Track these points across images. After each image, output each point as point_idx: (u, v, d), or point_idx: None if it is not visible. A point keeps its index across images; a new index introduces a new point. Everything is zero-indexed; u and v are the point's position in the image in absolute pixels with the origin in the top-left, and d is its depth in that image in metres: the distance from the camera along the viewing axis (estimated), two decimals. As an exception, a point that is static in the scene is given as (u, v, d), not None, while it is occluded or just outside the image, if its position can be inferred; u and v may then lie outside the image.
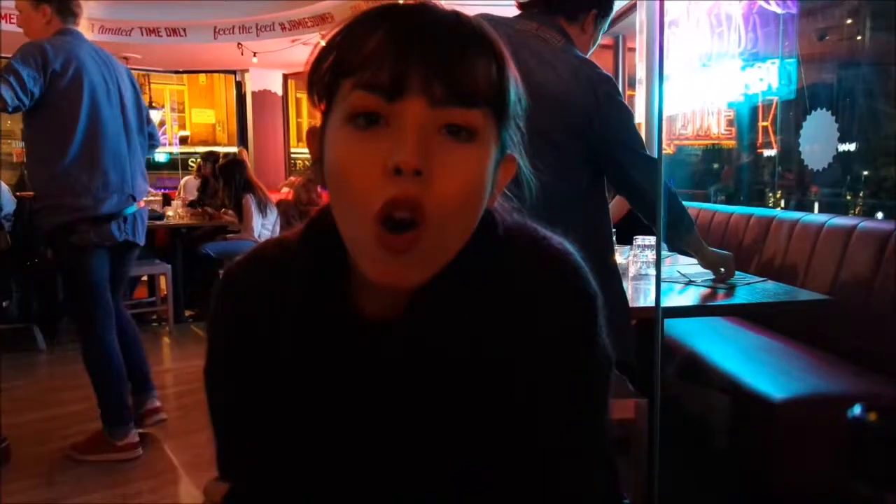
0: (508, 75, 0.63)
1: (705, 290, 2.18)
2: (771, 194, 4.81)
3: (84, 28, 2.79)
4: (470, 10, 0.71)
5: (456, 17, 0.62)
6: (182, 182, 7.54)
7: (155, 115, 10.82)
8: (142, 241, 2.95)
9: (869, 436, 1.73)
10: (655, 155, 1.84)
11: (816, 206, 4.13)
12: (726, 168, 5.79)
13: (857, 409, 1.69)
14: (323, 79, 0.63)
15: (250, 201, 5.18)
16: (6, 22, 6.72)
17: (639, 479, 1.92)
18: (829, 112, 3.19)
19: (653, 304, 1.83)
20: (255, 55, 8.27)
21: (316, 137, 0.66)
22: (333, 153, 0.61)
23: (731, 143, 5.00)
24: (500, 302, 0.67)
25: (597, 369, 0.70)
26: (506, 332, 0.67)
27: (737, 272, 2.49)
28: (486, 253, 0.67)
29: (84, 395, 3.34)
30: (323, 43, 0.65)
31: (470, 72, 0.60)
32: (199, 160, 7.39)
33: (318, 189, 6.24)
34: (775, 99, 3.97)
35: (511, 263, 0.68)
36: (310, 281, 0.68)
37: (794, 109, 3.85)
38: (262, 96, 10.36)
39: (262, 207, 5.28)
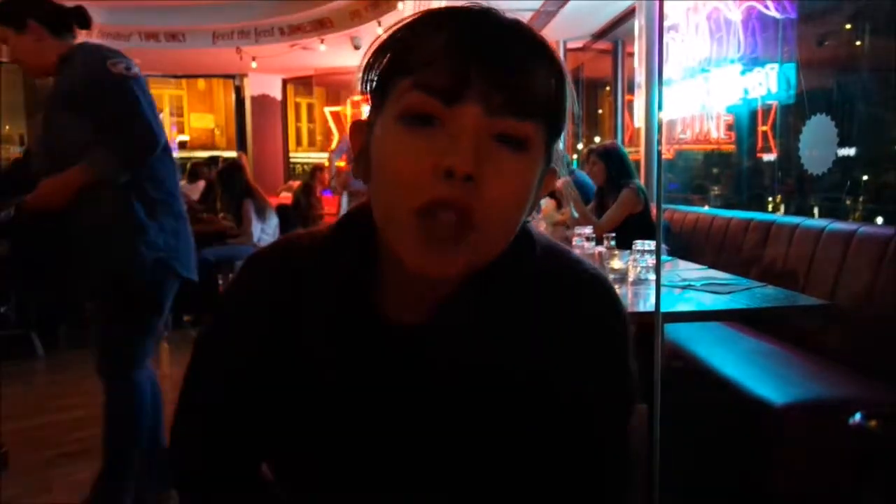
0: (566, 91, 0.63)
1: (705, 296, 2.18)
2: (770, 199, 4.82)
3: None
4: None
5: (520, 27, 0.62)
6: None
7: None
8: None
9: (870, 442, 1.72)
10: (655, 158, 1.84)
11: (816, 210, 4.13)
12: (726, 173, 5.80)
13: (858, 416, 1.69)
14: (379, 74, 0.63)
15: (249, 206, 5.17)
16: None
17: (639, 483, 1.92)
18: (829, 117, 3.19)
19: (652, 309, 1.82)
20: (254, 60, 8.28)
21: (362, 131, 0.66)
22: (383, 148, 0.61)
23: (731, 148, 5.01)
24: (532, 319, 0.67)
25: (624, 394, 0.71)
26: (536, 350, 0.66)
27: (734, 276, 2.49)
28: (523, 269, 0.67)
29: (82, 402, 3.33)
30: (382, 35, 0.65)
31: (530, 83, 0.59)
32: (190, 165, 7.36)
33: (318, 194, 6.25)
34: (775, 103, 3.97)
35: (547, 283, 0.68)
36: (337, 280, 0.68)
37: (794, 114, 3.85)
38: (261, 101, 10.38)
39: (261, 212, 5.27)
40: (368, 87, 0.64)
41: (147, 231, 2.11)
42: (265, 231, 5.26)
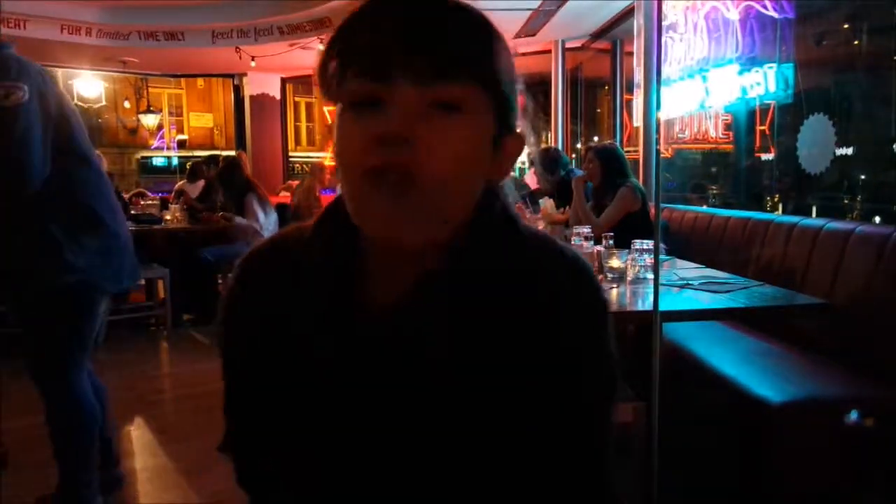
0: (496, 48, 0.66)
1: (703, 295, 2.19)
2: (768, 198, 4.83)
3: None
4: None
5: None
6: (176, 187, 7.49)
7: (153, 119, 10.87)
8: None
9: (867, 440, 1.73)
10: (653, 157, 1.85)
11: (814, 209, 4.14)
12: (724, 172, 5.81)
13: (854, 414, 1.70)
14: (329, 76, 0.66)
15: (252, 199, 5.19)
16: (5, 27, 6.73)
17: (638, 481, 1.93)
18: (827, 116, 3.20)
19: (651, 308, 1.83)
20: (253, 59, 8.28)
21: (331, 129, 0.70)
22: (337, 134, 0.65)
23: (729, 148, 5.02)
24: (515, 299, 0.69)
25: (604, 376, 0.74)
26: (517, 328, 0.69)
27: (732, 275, 2.50)
28: (506, 250, 0.70)
29: (82, 400, 3.33)
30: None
31: (451, 47, 0.62)
32: (190, 164, 7.36)
33: (318, 193, 6.25)
34: (773, 103, 3.99)
35: (530, 265, 0.71)
36: (323, 269, 0.71)
37: (792, 114, 3.86)
38: (260, 100, 10.38)
39: (262, 207, 5.31)
40: (326, 91, 0.67)
41: (64, 255, 2.03)
42: (266, 227, 5.29)
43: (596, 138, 8.32)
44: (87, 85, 10.06)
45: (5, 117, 1.87)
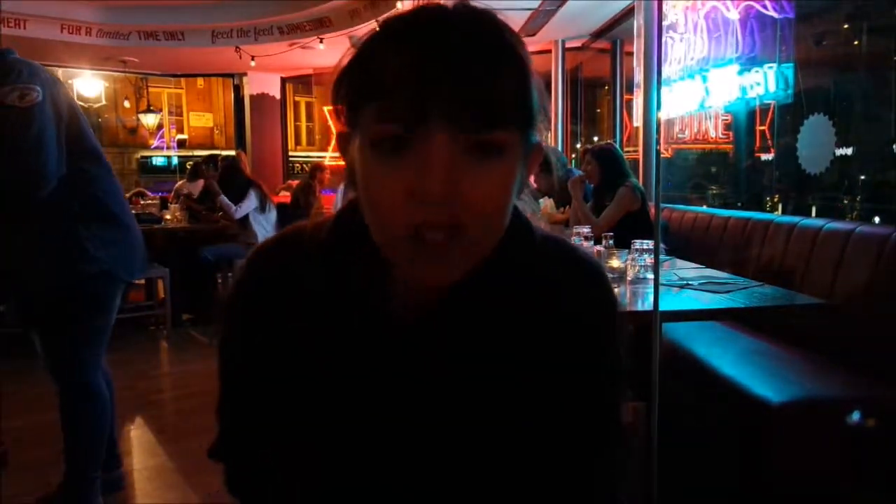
0: (532, 84, 0.61)
1: (703, 295, 2.19)
2: (768, 198, 4.83)
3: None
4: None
5: (482, 26, 0.60)
6: (176, 186, 7.47)
7: (153, 119, 10.87)
8: None
9: (867, 440, 1.73)
10: (653, 157, 1.85)
11: (814, 210, 4.14)
12: (724, 172, 5.81)
13: (855, 415, 1.70)
14: (344, 105, 0.63)
15: (251, 193, 5.23)
16: (5, 26, 6.73)
17: (638, 481, 1.93)
18: (826, 116, 3.20)
19: (651, 308, 1.83)
20: (253, 59, 8.28)
21: (345, 144, 0.66)
22: (361, 172, 0.62)
23: (729, 147, 5.02)
24: (536, 305, 0.70)
25: (617, 374, 0.75)
26: (538, 333, 0.70)
27: (731, 275, 2.50)
28: (524, 258, 0.70)
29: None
30: (354, 46, 0.64)
31: (496, 92, 0.58)
32: (191, 165, 7.36)
33: (318, 193, 6.25)
34: (773, 103, 3.99)
35: (548, 270, 0.72)
36: (341, 279, 0.69)
37: (792, 114, 3.86)
38: (260, 100, 10.38)
39: (263, 204, 5.32)
40: (342, 117, 0.64)
41: (85, 247, 2.09)
42: (268, 222, 5.31)
43: (596, 138, 8.32)
44: (87, 85, 10.05)
45: (22, 118, 1.90)
